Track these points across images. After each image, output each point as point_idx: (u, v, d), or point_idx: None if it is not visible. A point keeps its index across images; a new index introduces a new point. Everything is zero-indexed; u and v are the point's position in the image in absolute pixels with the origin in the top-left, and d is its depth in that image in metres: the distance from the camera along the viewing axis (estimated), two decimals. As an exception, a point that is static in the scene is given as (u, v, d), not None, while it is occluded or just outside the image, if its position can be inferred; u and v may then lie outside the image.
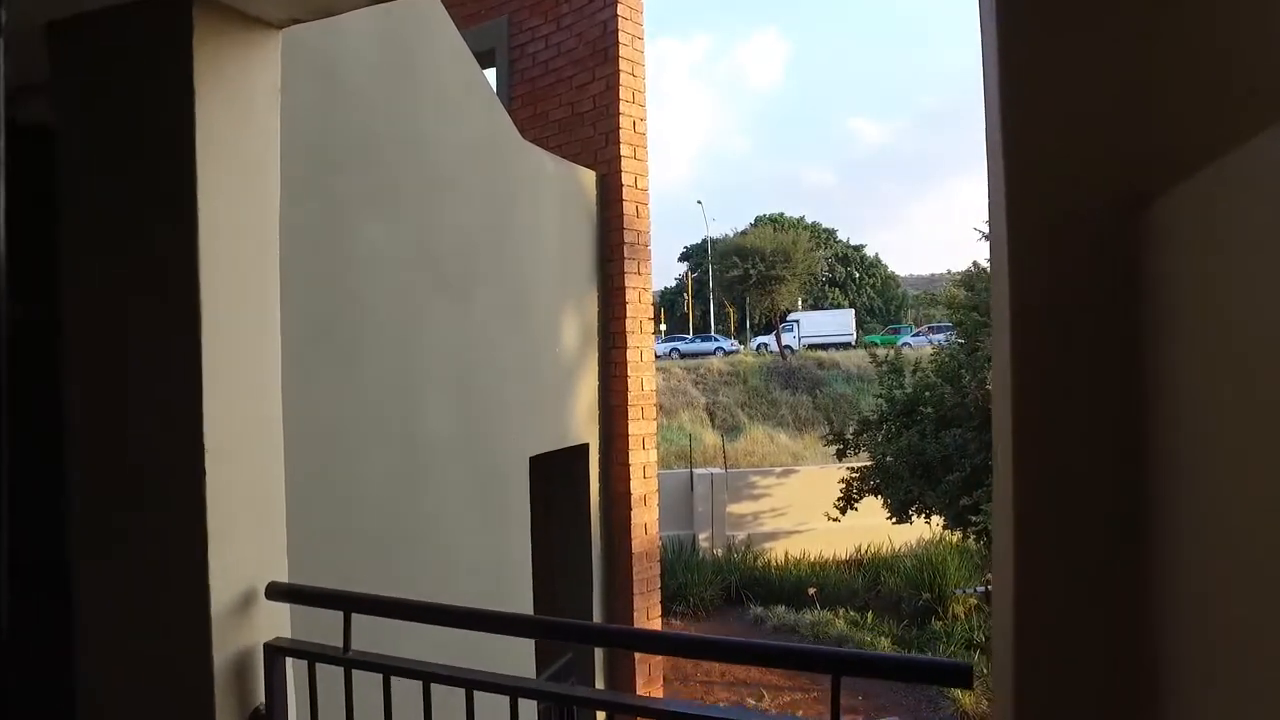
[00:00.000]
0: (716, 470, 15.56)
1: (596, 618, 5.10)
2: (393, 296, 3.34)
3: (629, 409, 5.17)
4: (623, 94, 5.34)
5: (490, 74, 6.51)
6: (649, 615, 5.26)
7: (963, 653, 10.55)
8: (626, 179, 5.32)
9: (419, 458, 3.45)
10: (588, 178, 5.29)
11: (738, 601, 12.96)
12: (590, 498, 5.08)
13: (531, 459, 4.42)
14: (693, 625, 12.41)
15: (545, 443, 4.62)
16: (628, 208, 5.30)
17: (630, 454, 5.14)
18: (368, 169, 3.21)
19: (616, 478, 5.20)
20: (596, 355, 5.22)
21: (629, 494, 5.13)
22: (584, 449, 5.04)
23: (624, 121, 5.35)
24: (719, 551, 14.33)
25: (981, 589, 9.38)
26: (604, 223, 5.35)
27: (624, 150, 5.33)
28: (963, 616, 11.60)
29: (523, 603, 4.19)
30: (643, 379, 5.29)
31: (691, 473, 15.07)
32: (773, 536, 14.82)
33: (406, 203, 3.46)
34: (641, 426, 5.25)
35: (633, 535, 5.12)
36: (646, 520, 5.23)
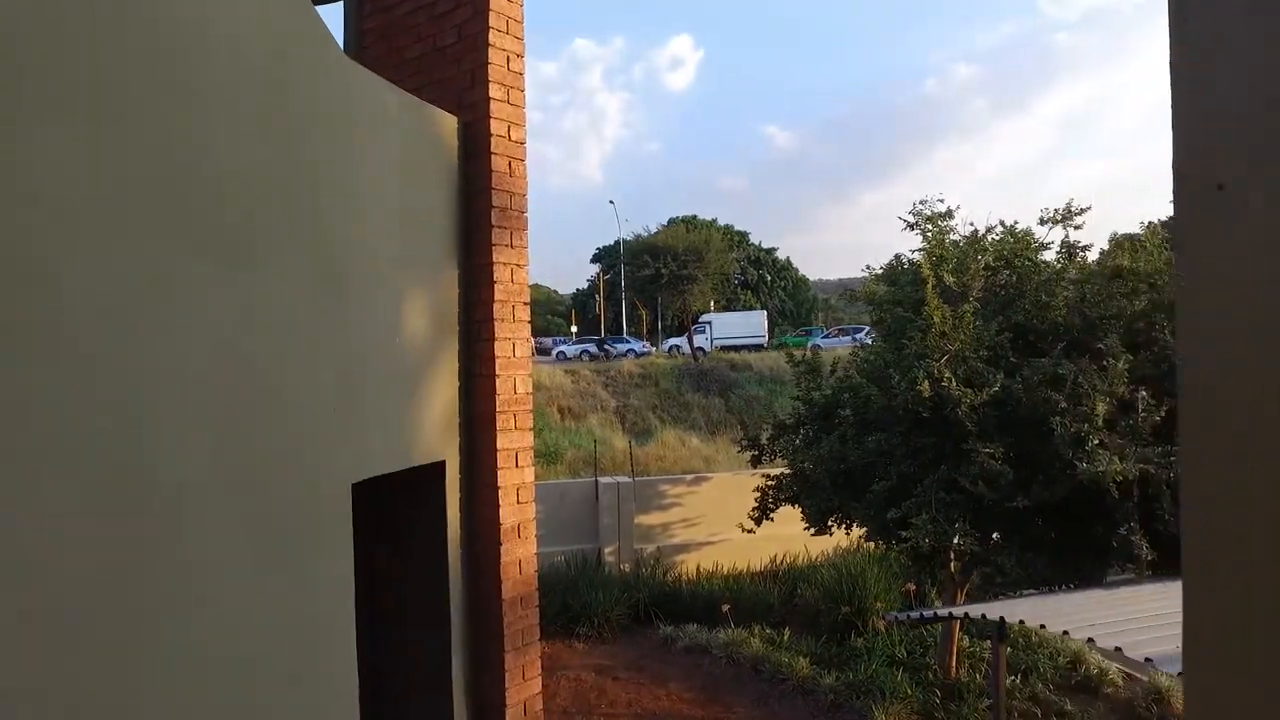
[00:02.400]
0: (624, 478, 14.55)
1: (457, 685, 3.97)
2: (100, 254, 2.17)
3: (498, 417, 4.06)
4: (494, 21, 4.25)
5: (335, 9, 5.31)
6: (525, 675, 4.17)
7: (885, 670, 9.90)
8: (497, 127, 4.22)
9: (148, 506, 2.28)
10: (446, 124, 4.17)
11: (647, 620, 12.02)
12: (448, 531, 3.95)
13: (358, 486, 3.28)
14: (598, 649, 11.39)
15: (380, 463, 3.48)
16: (498, 163, 4.20)
17: (500, 474, 4.04)
18: (50, 45, 2.04)
19: (482, 503, 4.09)
20: (456, 350, 4.10)
21: (499, 524, 4.03)
22: (438, 469, 3.91)
23: (495, 56, 4.25)
24: (627, 566, 13.34)
25: (902, 615, 8.66)
26: (468, 181, 4.24)
27: (494, 92, 4.24)
28: (884, 631, 10.95)
29: (340, 689, 3.05)
30: (516, 380, 4.19)
31: (597, 482, 14.02)
32: (684, 549, 13.91)
33: (133, 112, 2.29)
34: (515, 439, 4.15)
35: (504, 576, 4.01)
36: (521, 556, 4.14)
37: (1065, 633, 5.55)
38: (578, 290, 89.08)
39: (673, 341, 45.93)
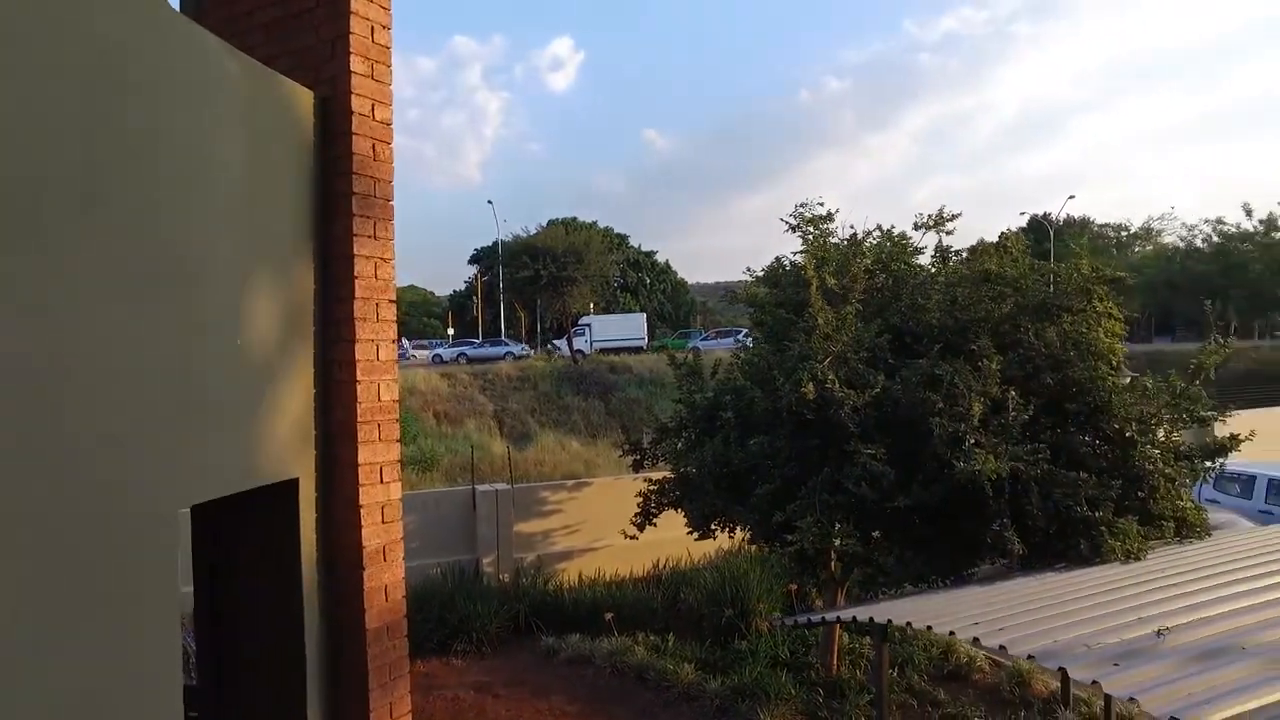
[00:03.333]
0: (503, 486, 14.06)
1: (313, 730, 3.51)
2: None
3: (360, 428, 3.63)
4: (355, -14, 3.80)
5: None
6: (394, 713, 3.74)
7: (769, 672, 9.89)
8: (359, 104, 3.78)
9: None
10: (301, 98, 3.69)
11: (528, 632, 11.61)
12: (302, 558, 3.48)
13: (197, 510, 2.79)
14: (476, 665, 10.89)
15: (219, 484, 3.00)
16: (360, 144, 3.77)
17: (362, 490, 3.60)
18: None
19: (342, 525, 3.64)
20: (311, 353, 3.63)
21: (361, 547, 3.59)
22: (289, 488, 3.44)
23: (357, 25, 3.81)
24: (506, 576, 12.87)
25: (789, 620, 8.66)
26: (326, 165, 3.78)
27: (356, 65, 3.79)
28: (767, 633, 10.96)
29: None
30: (380, 386, 3.76)
31: (474, 489, 13.48)
32: (566, 556, 13.56)
33: None
34: (379, 451, 3.72)
35: (367, 605, 3.58)
36: (388, 581, 3.71)
37: (951, 633, 5.57)
38: (455, 292, 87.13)
39: (552, 343, 45.54)
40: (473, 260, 76.58)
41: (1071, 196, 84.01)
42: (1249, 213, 48.47)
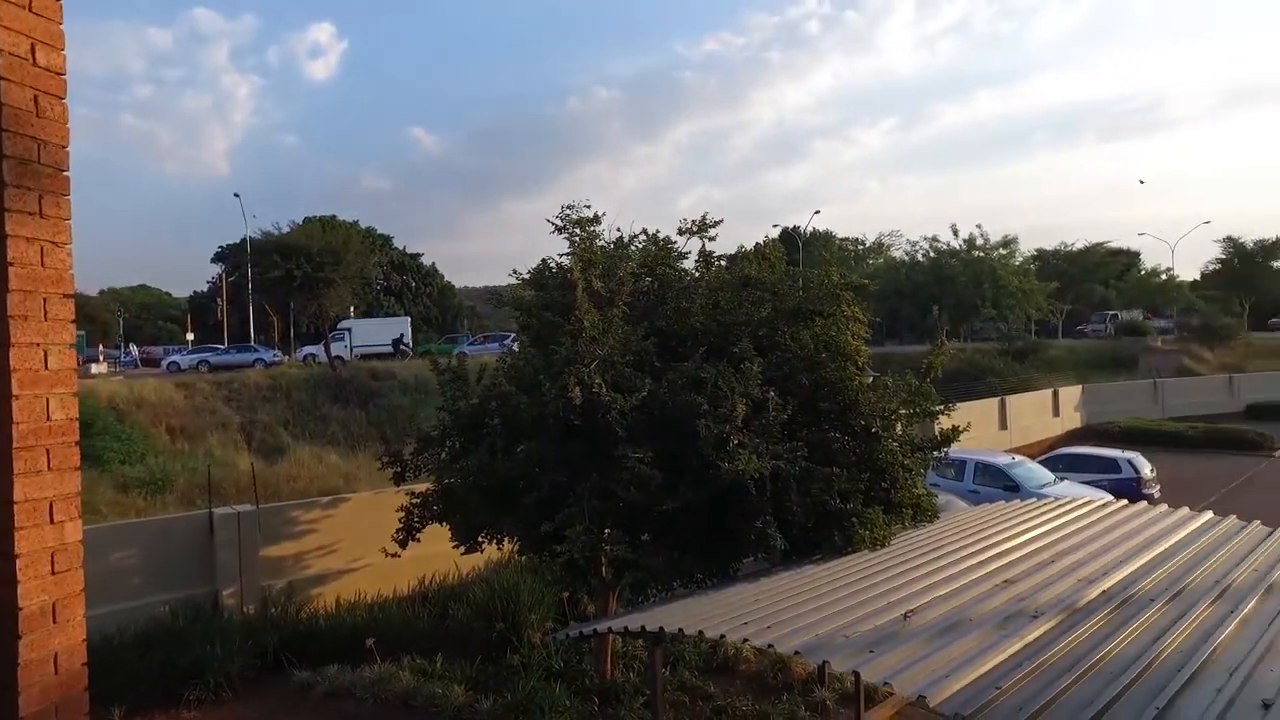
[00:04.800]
0: (246, 507, 12.65)
1: None
2: None
3: (17, 456, 2.85)
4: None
5: None
6: (74, 810, 2.99)
7: (543, 686, 9.62)
8: (12, 43, 2.99)
9: None
10: (-75, 33, 2.86)
11: (279, 668, 10.46)
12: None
13: None
14: (215, 713, 9.63)
15: None
16: (15, 95, 2.98)
17: (19, 536, 2.83)
18: None
19: (-7, 581, 2.84)
20: (-54, 359, 2.81)
21: (16, 608, 2.81)
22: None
23: (10, -51, 3.02)
24: (252, 608, 11.57)
25: (561, 634, 8.44)
26: (-33, 121, 2.96)
27: (11, -2, 3.00)
28: (540, 644, 10.67)
29: None
30: (49, 401, 3.00)
31: (212, 513, 11.99)
32: (322, 580, 12.42)
33: None
34: (47, 484, 2.95)
35: (25, 683, 2.79)
36: (60, 648, 2.95)
37: (723, 636, 5.57)
38: (197, 293, 78.88)
39: (308, 350, 42.42)
40: (217, 258, 69.97)
41: (817, 211, 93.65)
42: (955, 232, 55.54)
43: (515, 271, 10.59)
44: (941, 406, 9.93)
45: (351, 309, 46.48)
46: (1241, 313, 59.92)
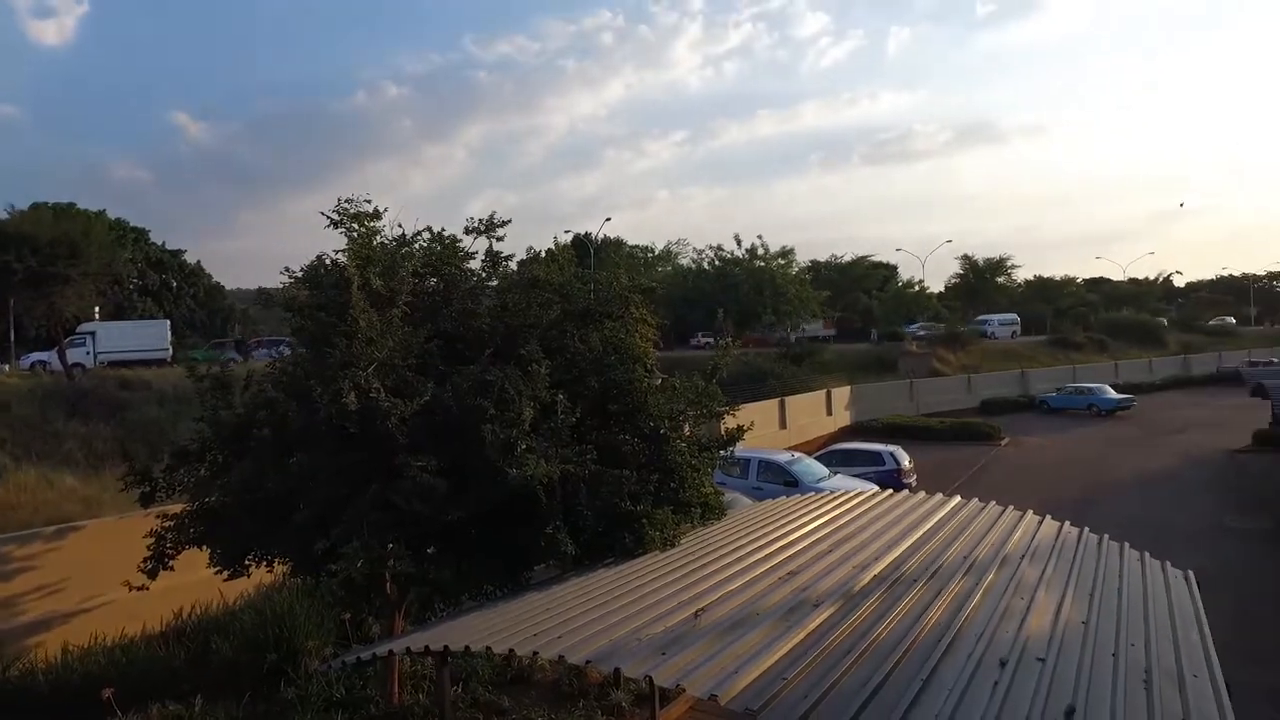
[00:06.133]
0: (-62, 547, 10.70)
1: None
2: None
3: None
4: None
5: None
6: None
7: (322, 716, 8.89)
8: None
9: None
10: None
11: (-23, 740, 8.90)
12: None
13: None
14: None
15: None
16: None
17: None
18: None
19: None
20: None
21: None
22: None
23: None
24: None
25: (338, 662, 7.81)
26: None
27: None
28: (318, 673, 9.82)
29: None
30: None
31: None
32: (43, 626, 10.70)
33: None
34: None
35: None
36: None
37: (511, 650, 5.33)
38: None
39: (37, 357, 37.07)
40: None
41: (609, 219, 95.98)
42: (739, 242, 58.65)
43: (288, 269, 9.72)
44: (726, 407, 10.26)
45: (97, 310, 41.24)
46: (975, 319, 68.10)
